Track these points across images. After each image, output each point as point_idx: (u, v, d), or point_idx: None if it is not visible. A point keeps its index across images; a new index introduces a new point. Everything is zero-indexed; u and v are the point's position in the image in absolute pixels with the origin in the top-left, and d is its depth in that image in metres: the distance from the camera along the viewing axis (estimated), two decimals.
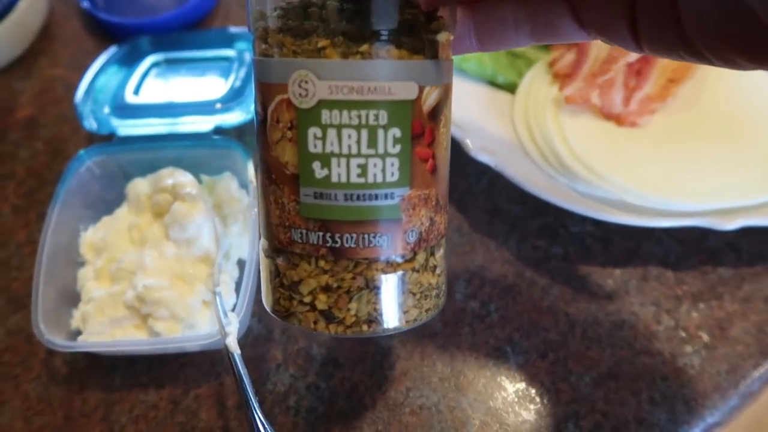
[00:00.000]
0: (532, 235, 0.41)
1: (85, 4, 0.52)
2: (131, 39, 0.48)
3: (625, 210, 0.36)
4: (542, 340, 0.37)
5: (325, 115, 0.21)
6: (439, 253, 0.26)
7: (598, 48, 0.41)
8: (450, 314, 0.38)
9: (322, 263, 0.23)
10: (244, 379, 0.28)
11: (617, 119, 0.39)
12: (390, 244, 0.23)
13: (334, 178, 0.22)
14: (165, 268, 0.34)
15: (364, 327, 0.23)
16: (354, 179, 0.22)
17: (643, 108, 0.39)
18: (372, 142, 0.22)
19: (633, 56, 0.40)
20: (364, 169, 0.22)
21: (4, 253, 0.42)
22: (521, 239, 0.41)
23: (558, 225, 0.41)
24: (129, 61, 0.46)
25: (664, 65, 0.40)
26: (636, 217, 0.36)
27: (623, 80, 0.39)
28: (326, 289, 0.23)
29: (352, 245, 0.22)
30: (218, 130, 0.39)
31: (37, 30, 0.53)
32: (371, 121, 0.21)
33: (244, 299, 0.32)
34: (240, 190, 0.40)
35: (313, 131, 0.21)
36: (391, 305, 0.24)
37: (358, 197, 0.22)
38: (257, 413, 0.27)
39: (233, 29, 0.48)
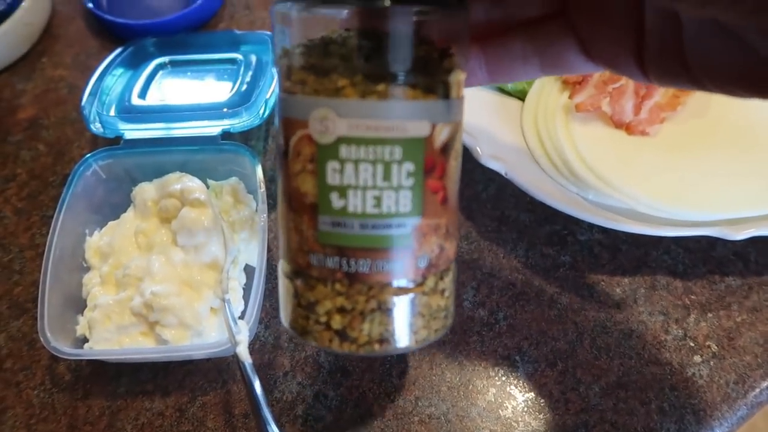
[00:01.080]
0: (541, 243, 0.41)
1: (89, 5, 0.51)
2: (135, 40, 0.47)
3: (635, 219, 0.36)
4: (551, 349, 0.37)
5: (344, 151, 0.23)
6: (448, 277, 0.27)
7: None
8: (458, 322, 0.38)
9: (338, 286, 0.25)
10: (256, 389, 0.28)
11: (627, 128, 0.39)
12: (402, 270, 0.24)
13: (351, 209, 0.23)
14: (173, 275, 0.34)
15: (376, 346, 0.25)
16: (369, 210, 0.23)
17: (653, 117, 0.38)
18: (387, 176, 0.23)
19: None
20: (378, 200, 0.23)
21: (5, 257, 0.41)
22: (529, 247, 0.41)
23: (566, 233, 0.41)
24: (134, 63, 0.45)
25: None
26: (646, 226, 0.36)
27: (634, 88, 0.39)
28: (341, 310, 0.25)
29: (366, 270, 0.24)
30: (225, 135, 0.39)
31: (41, 30, 0.52)
32: (386, 157, 0.23)
33: (254, 307, 0.32)
34: (247, 195, 0.39)
35: (332, 165, 0.23)
36: (402, 326, 0.25)
37: (373, 226, 0.24)
38: (270, 424, 0.27)
39: (239, 32, 0.47)
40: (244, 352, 0.29)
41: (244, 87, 0.42)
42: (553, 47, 0.24)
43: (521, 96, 0.43)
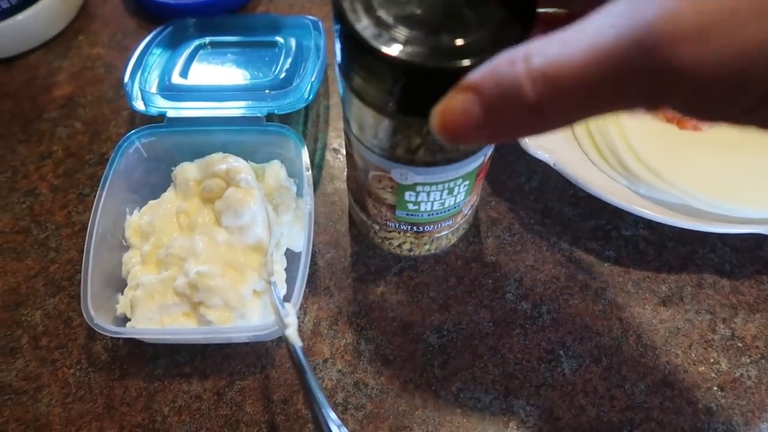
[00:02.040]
0: (585, 237, 0.40)
1: None
2: (175, 21, 0.47)
3: (686, 214, 0.36)
4: (595, 344, 0.36)
5: (419, 188, 0.29)
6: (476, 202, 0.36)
7: None
8: (501, 314, 0.37)
9: (408, 236, 0.35)
10: (308, 372, 0.27)
11: (679, 122, 0.38)
12: (453, 222, 0.34)
13: (422, 209, 0.31)
14: (216, 255, 0.33)
15: (432, 251, 0.38)
16: (435, 208, 0.31)
17: None
18: (450, 193, 0.30)
19: None
20: (442, 204, 0.31)
21: (42, 234, 0.41)
22: (573, 241, 0.40)
23: (611, 228, 0.40)
24: (174, 43, 0.45)
25: None
26: (698, 222, 0.35)
27: None
28: (410, 242, 0.36)
29: (430, 229, 0.34)
30: (268, 117, 0.38)
31: (77, 8, 0.52)
32: (451, 186, 0.29)
33: (301, 290, 0.31)
34: (288, 178, 0.39)
35: (409, 194, 0.30)
36: (449, 240, 0.38)
37: (437, 213, 0.32)
38: (326, 407, 0.26)
39: (279, 15, 0.47)
40: (294, 335, 0.29)
41: (285, 71, 0.42)
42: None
43: None
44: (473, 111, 0.18)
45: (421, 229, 0.33)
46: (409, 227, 0.33)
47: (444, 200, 0.30)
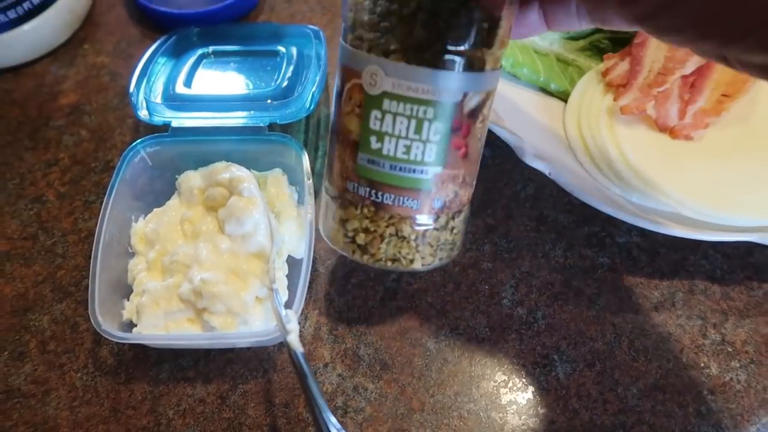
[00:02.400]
0: (579, 244, 0.41)
1: None
2: (179, 30, 0.48)
3: (678, 222, 0.36)
4: (589, 349, 0.37)
5: (386, 103, 0.27)
6: (459, 218, 0.32)
7: (652, 59, 0.41)
8: (497, 320, 0.38)
9: (365, 211, 0.30)
10: (309, 377, 0.28)
11: (671, 131, 0.39)
12: (419, 207, 0.29)
13: (385, 151, 0.28)
14: (220, 263, 0.34)
15: (389, 263, 0.31)
16: (399, 155, 0.28)
17: (697, 121, 0.39)
18: (418, 130, 0.27)
19: (688, 68, 0.40)
20: (408, 148, 0.28)
21: (48, 241, 0.42)
22: (568, 248, 0.41)
23: (605, 235, 0.41)
24: (177, 52, 0.46)
25: (717, 79, 0.40)
26: (689, 230, 0.36)
27: (678, 93, 0.39)
28: (366, 230, 0.30)
29: (390, 203, 0.29)
30: (270, 126, 0.39)
31: (83, 17, 0.53)
32: (420, 115, 0.27)
33: (302, 297, 0.32)
34: (290, 186, 0.39)
35: (375, 113, 0.27)
36: (412, 251, 0.31)
37: (400, 168, 0.28)
38: (326, 411, 0.27)
39: (281, 25, 0.48)
40: (295, 341, 0.30)
41: (286, 80, 0.43)
42: (604, 12, 0.27)
43: (563, 97, 0.43)
44: None
45: (379, 197, 0.29)
46: (368, 191, 0.29)
47: (410, 142, 0.27)
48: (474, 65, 0.27)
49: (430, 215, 0.30)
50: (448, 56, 0.26)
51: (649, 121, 0.39)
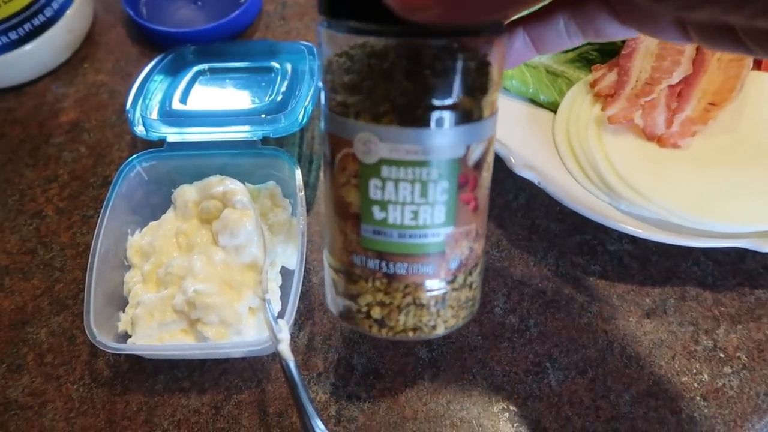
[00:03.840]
0: (571, 252, 0.41)
1: (130, 13, 0.53)
2: (175, 48, 0.49)
3: (667, 230, 0.37)
4: (581, 356, 0.37)
5: (385, 171, 0.25)
6: (476, 272, 0.29)
7: (639, 69, 0.42)
8: (489, 328, 0.38)
9: (378, 284, 0.27)
10: (300, 387, 0.29)
11: (659, 140, 0.39)
12: (435, 271, 0.27)
13: (391, 220, 0.26)
14: (214, 274, 0.35)
15: (410, 333, 0.28)
16: (407, 222, 0.26)
17: (685, 130, 0.39)
18: (423, 193, 0.25)
19: (675, 78, 0.41)
20: (416, 214, 0.25)
21: (47, 255, 0.43)
22: (559, 256, 0.41)
23: (596, 243, 0.41)
24: (174, 69, 0.47)
25: (704, 88, 0.41)
26: (677, 237, 0.36)
27: (665, 102, 0.40)
28: (381, 303, 0.28)
29: (404, 272, 0.27)
30: (263, 140, 0.40)
31: (83, 37, 0.54)
32: (423, 177, 0.25)
33: (292, 308, 0.33)
34: (284, 199, 0.40)
35: (374, 182, 0.25)
36: (433, 317, 0.28)
37: (410, 236, 0.26)
38: (315, 419, 0.28)
39: (275, 41, 0.49)
40: (286, 351, 0.30)
41: (281, 95, 0.44)
42: (594, 23, 0.25)
43: (553, 108, 0.44)
44: None
45: (392, 268, 0.26)
46: (378, 263, 0.26)
47: (417, 207, 0.25)
48: (472, 115, 0.25)
49: (448, 277, 0.27)
50: (442, 111, 0.24)
51: (637, 130, 0.40)
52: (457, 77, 0.24)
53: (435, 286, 0.27)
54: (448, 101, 0.24)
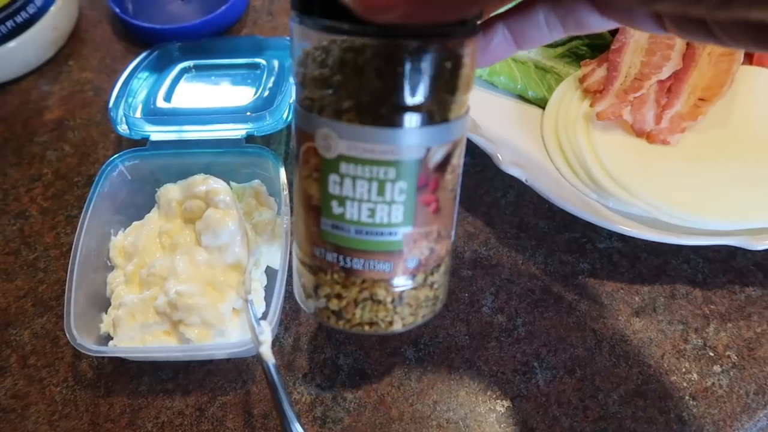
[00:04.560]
0: (560, 251, 0.41)
1: (115, 9, 0.52)
2: (161, 45, 0.48)
3: (656, 227, 0.36)
4: (569, 356, 0.37)
5: (343, 167, 0.25)
6: (438, 272, 0.29)
7: (629, 64, 0.41)
8: (477, 327, 0.38)
9: (335, 276, 0.28)
10: (280, 389, 0.28)
11: (648, 136, 0.39)
12: (392, 269, 0.27)
13: (348, 216, 0.26)
14: (196, 275, 0.34)
15: (366, 327, 0.28)
16: (364, 219, 0.26)
17: (674, 126, 0.39)
18: (381, 192, 0.25)
19: (665, 73, 0.40)
20: (372, 211, 0.25)
21: (31, 255, 0.42)
22: (548, 254, 0.41)
23: (585, 241, 0.41)
24: (159, 66, 0.46)
25: (694, 84, 0.40)
26: (667, 235, 0.36)
27: (655, 98, 0.39)
28: (338, 296, 0.28)
29: (360, 268, 0.27)
30: (248, 138, 0.39)
31: (68, 34, 0.53)
32: (381, 176, 0.25)
33: (276, 308, 0.32)
34: (269, 198, 0.40)
35: (333, 177, 0.25)
36: (390, 314, 0.28)
37: (367, 233, 0.26)
38: (294, 423, 0.27)
39: (262, 37, 0.48)
40: (267, 353, 0.30)
41: (267, 91, 0.43)
42: (574, 14, 0.25)
43: (541, 104, 0.43)
44: None
45: (348, 262, 0.27)
46: (335, 257, 0.27)
47: (374, 205, 0.25)
48: (435, 117, 0.24)
49: (405, 275, 0.27)
50: (405, 112, 0.24)
51: (626, 126, 0.39)
52: (421, 79, 0.23)
53: (392, 283, 0.27)
54: (409, 102, 0.23)
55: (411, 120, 0.24)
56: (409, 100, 0.23)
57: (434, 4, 0.18)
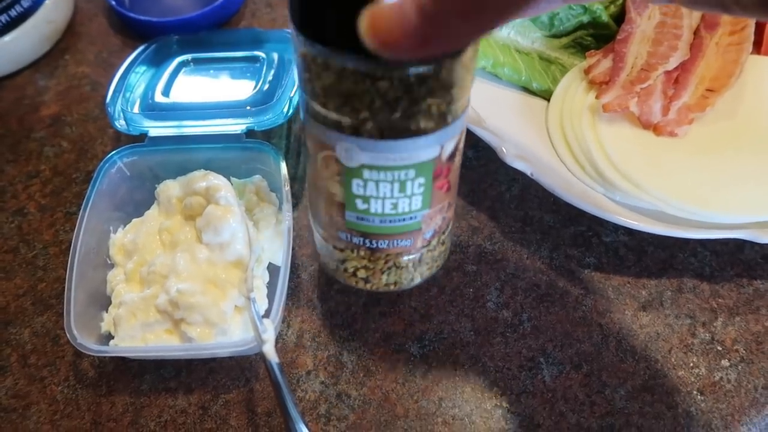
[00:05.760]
0: (565, 244, 0.40)
1: (112, 2, 0.51)
2: (158, 38, 0.47)
3: (663, 220, 0.36)
4: (576, 351, 0.36)
5: (366, 173, 0.26)
6: (448, 230, 0.33)
7: (635, 55, 0.40)
8: (482, 323, 0.37)
9: (362, 253, 0.31)
10: (284, 389, 0.28)
11: (655, 128, 0.38)
12: (412, 243, 0.31)
13: (372, 210, 0.28)
14: (197, 273, 0.34)
15: (391, 287, 0.33)
16: (387, 211, 0.28)
17: (681, 117, 0.38)
18: (402, 189, 0.27)
19: (672, 63, 0.39)
20: (395, 205, 0.28)
21: (29, 253, 0.42)
22: (554, 248, 0.40)
23: (591, 234, 0.41)
24: (157, 60, 0.45)
25: (702, 74, 0.40)
26: (674, 228, 0.35)
27: (662, 89, 0.39)
28: (365, 267, 0.32)
29: (384, 246, 0.30)
30: (249, 133, 0.39)
31: (63, 27, 0.53)
32: (402, 177, 0.27)
33: (279, 305, 0.32)
34: (270, 193, 0.39)
35: (357, 182, 0.27)
36: (411, 274, 0.33)
37: (390, 221, 0.29)
38: (298, 422, 0.27)
39: (261, 30, 0.47)
40: (270, 351, 0.29)
41: (267, 85, 0.42)
42: None
43: (546, 96, 0.42)
44: (407, 11, 0.17)
45: (374, 244, 0.30)
46: (361, 240, 0.30)
47: (396, 200, 0.27)
48: (447, 119, 0.25)
49: (423, 244, 0.31)
50: (418, 124, 0.24)
51: (633, 118, 0.39)
52: (432, 96, 0.24)
53: (412, 252, 0.31)
54: (423, 126, 0.24)
55: (426, 128, 0.25)
56: (423, 123, 0.24)
57: (436, 41, 0.18)
